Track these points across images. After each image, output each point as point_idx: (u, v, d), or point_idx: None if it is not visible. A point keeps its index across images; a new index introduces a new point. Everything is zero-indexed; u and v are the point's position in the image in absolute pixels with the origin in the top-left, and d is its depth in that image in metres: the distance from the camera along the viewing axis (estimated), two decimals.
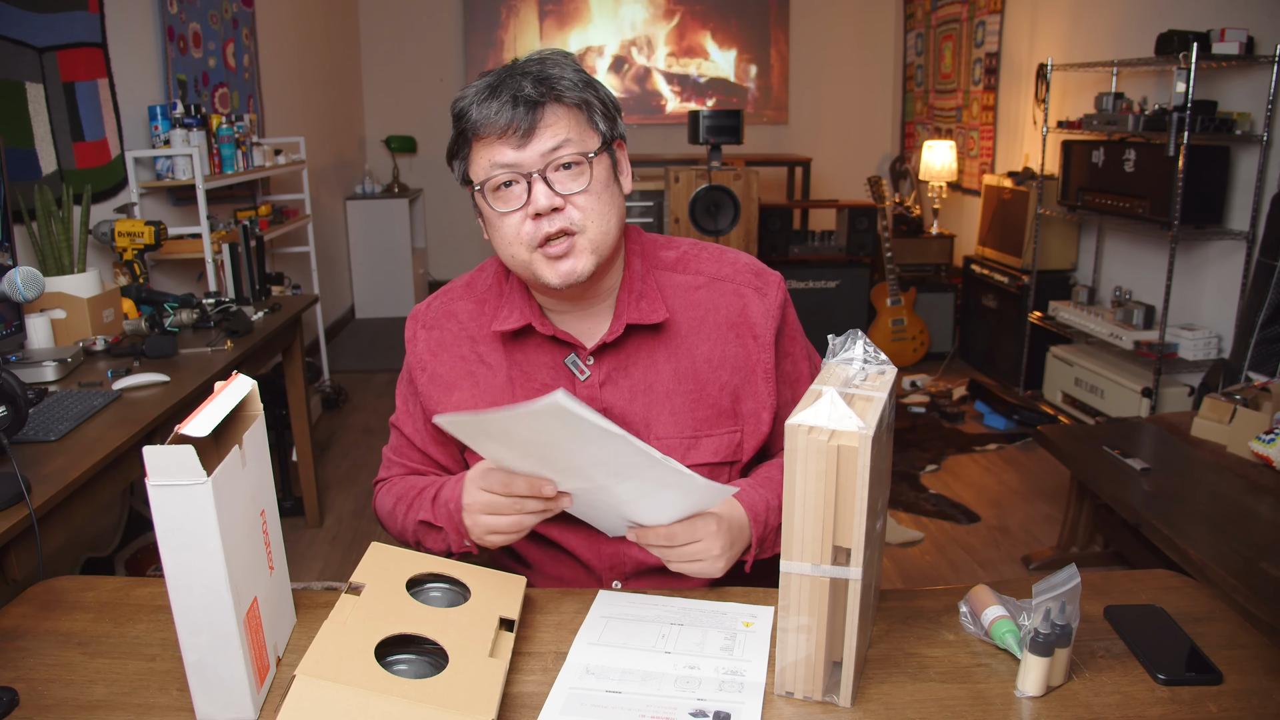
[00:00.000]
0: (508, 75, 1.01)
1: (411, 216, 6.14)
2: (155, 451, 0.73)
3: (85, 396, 1.78)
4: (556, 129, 1.00)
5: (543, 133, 0.99)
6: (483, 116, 0.99)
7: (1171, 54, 3.11)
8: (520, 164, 0.99)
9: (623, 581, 1.15)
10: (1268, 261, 2.88)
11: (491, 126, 0.99)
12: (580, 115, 1.02)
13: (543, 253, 1.01)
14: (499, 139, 0.99)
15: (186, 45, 3.51)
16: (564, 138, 1.00)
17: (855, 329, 0.93)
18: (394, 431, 1.24)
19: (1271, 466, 2.25)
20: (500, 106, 0.98)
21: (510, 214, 1.01)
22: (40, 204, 2.24)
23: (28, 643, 0.94)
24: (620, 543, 1.13)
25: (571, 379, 1.11)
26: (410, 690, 0.74)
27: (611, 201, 1.04)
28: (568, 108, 1.01)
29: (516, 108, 0.98)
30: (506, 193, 1.01)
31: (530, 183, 1.00)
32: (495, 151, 1.00)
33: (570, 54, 1.06)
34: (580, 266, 1.02)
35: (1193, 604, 0.99)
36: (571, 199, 1.01)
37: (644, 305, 1.10)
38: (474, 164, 1.03)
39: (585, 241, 1.02)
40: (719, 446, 1.13)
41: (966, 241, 5.08)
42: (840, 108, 6.61)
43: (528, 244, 1.01)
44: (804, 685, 0.83)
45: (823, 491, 0.77)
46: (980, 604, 0.93)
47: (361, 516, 3.16)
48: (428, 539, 1.10)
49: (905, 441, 3.75)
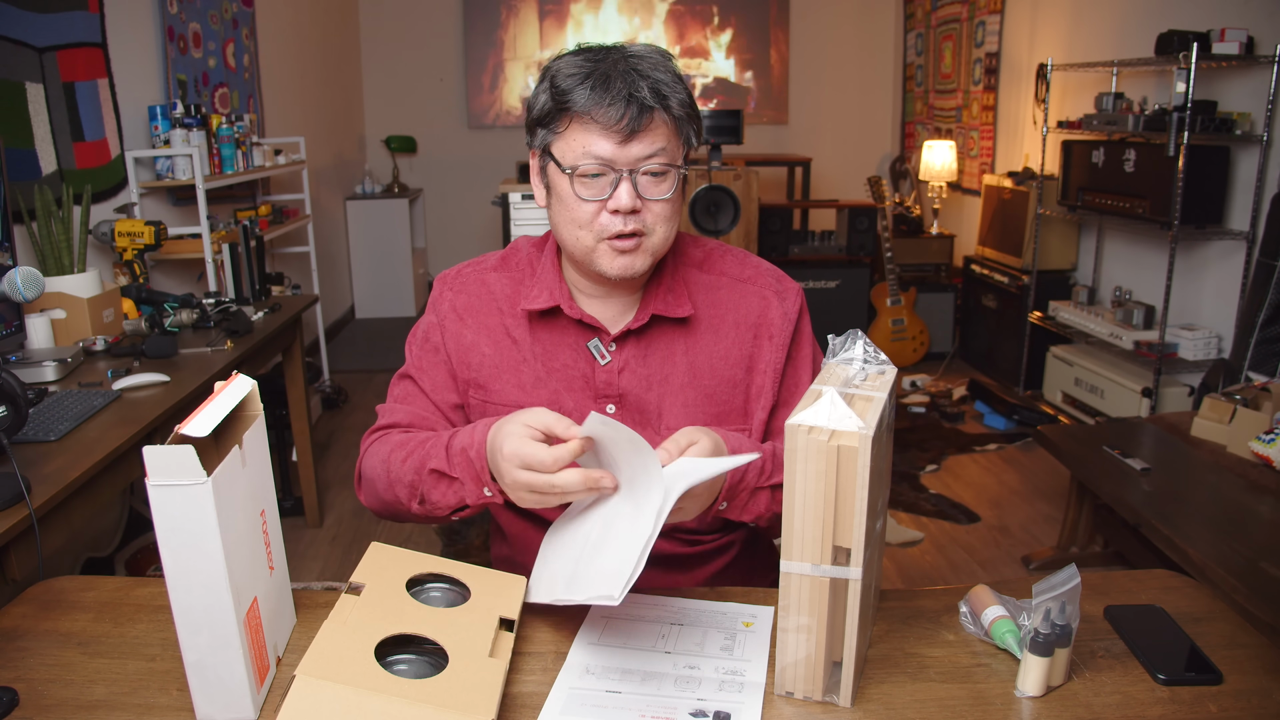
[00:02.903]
0: (618, 66, 1.02)
1: (411, 216, 6.14)
2: (155, 451, 0.73)
3: (85, 396, 1.78)
4: (655, 137, 1.02)
5: (644, 138, 1.02)
6: (592, 102, 1.00)
7: (1171, 54, 3.11)
8: (615, 161, 1.02)
9: None
10: (1268, 261, 2.88)
11: (600, 115, 1.00)
12: (678, 128, 1.05)
13: (610, 245, 1.05)
14: (603, 130, 1.01)
15: (186, 45, 3.51)
16: (661, 146, 1.03)
17: (855, 329, 0.93)
18: (404, 383, 1.21)
19: (1271, 466, 2.25)
20: (614, 99, 0.99)
21: (590, 202, 1.04)
22: (40, 204, 2.24)
23: (28, 643, 0.94)
24: None
25: (592, 362, 1.13)
26: (410, 690, 0.74)
27: (678, 210, 1.08)
28: (671, 118, 1.04)
29: (630, 106, 1.00)
30: (593, 182, 1.03)
31: (619, 180, 1.02)
32: (594, 140, 1.01)
33: (672, 56, 1.08)
34: (638, 265, 1.07)
35: (1193, 604, 0.99)
36: (650, 204, 1.05)
37: (671, 299, 1.13)
38: (565, 142, 1.04)
39: (649, 244, 1.06)
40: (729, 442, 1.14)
41: (966, 241, 5.08)
42: (840, 108, 6.61)
43: (597, 233, 1.05)
44: (804, 685, 0.83)
45: (823, 491, 0.77)
46: (980, 604, 0.93)
47: (361, 516, 3.16)
48: (435, 491, 1.05)
49: (905, 441, 3.75)
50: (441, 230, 6.67)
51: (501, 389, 1.15)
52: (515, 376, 1.15)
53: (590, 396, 1.14)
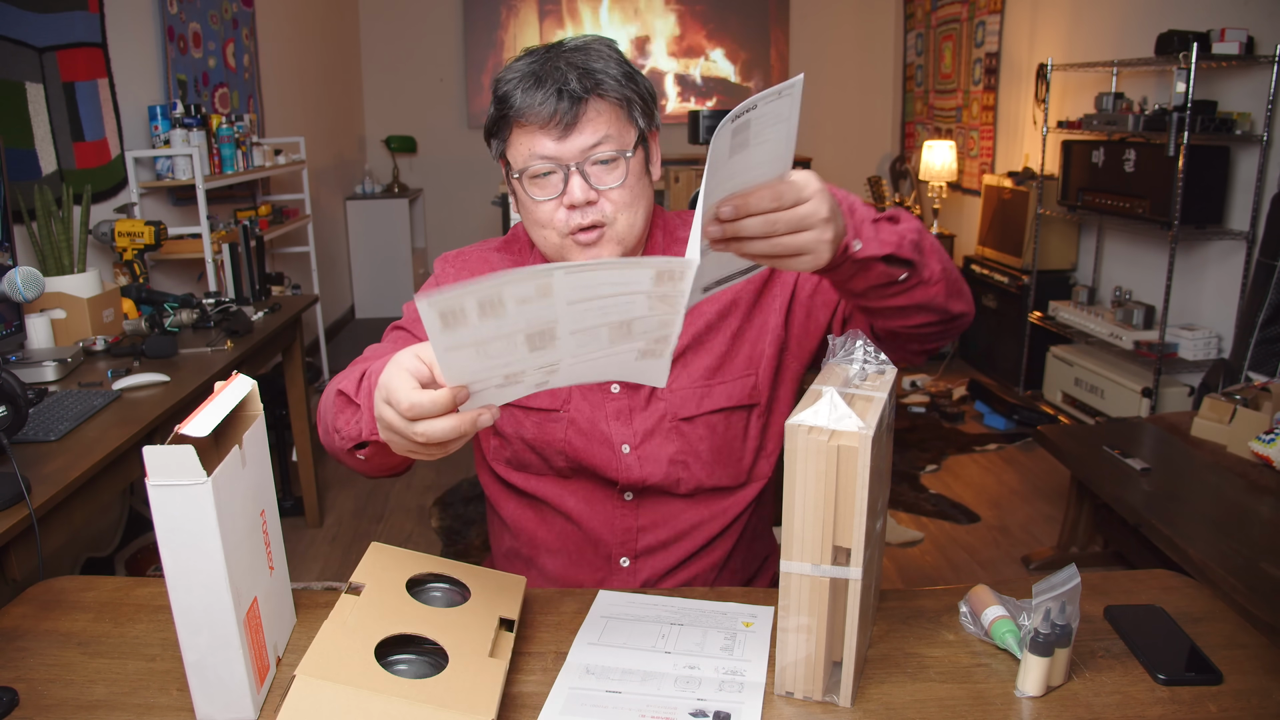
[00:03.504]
0: (552, 62, 1.01)
1: (411, 216, 6.14)
2: (155, 451, 0.73)
3: (85, 396, 1.78)
4: (597, 125, 1.01)
5: (584, 128, 1.00)
6: (525, 104, 0.99)
7: (1171, 54, 3.11)
8: (559, 156, 1.01)
9: (631, 559, 1.15)
10: (1268, 261, 2.88)
11: (534, 116, 0.99)
12: (621, 111, 1.03)
13: (573, 240, 1.04)
14: (540, 129, 1.00)
15: (186, 45, 3.51)
16: (604, 134, 1.01)
17: (855, 329, 0.93)
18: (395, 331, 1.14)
19: (1271, 466, 2.25)
20: (544, 97, 0.98)
21: (547, 201, 1.03)
22: (40, 204, 2.24)
23: (28, 643, 0.94)
24: (636, 518, 1.14)
25: None
26: (410, 690, 0.74)
27: (642, 194, 1.06)
28: (610, 103, 1.02)
29: (560, 100, 0.98)
30: (544, 181, 1.03)
31: (568, 175, 1.01)
32: (535, 141, 1.01)
33: (613, 42, 1.06)
34: (606, 255, 1.05)
35: (1193, 604, 0.99)
36: (605, 193, 1.02)
37: None
38: (513, 148, 1.04)
39: (613, 233, 1.04)
40: (733, 391, 1.14)
41: (966, 241, 5.08)
42: (840, 108, 6.61)
43: (560, 231, 1.04)
44: (804, 685, 0.83)
45: (823, 491, 0.77)
46: (980, 604, 0.93)
47: (361, 516, 3.16)
48: (340, 418, 0.96)
49: (905, 441, 3.75)
50: (441, 230, 6.67)
51: None
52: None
53: None
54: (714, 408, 1.13)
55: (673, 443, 1.13)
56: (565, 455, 1.13)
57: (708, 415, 1.13)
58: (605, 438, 1.13)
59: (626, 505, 1.15)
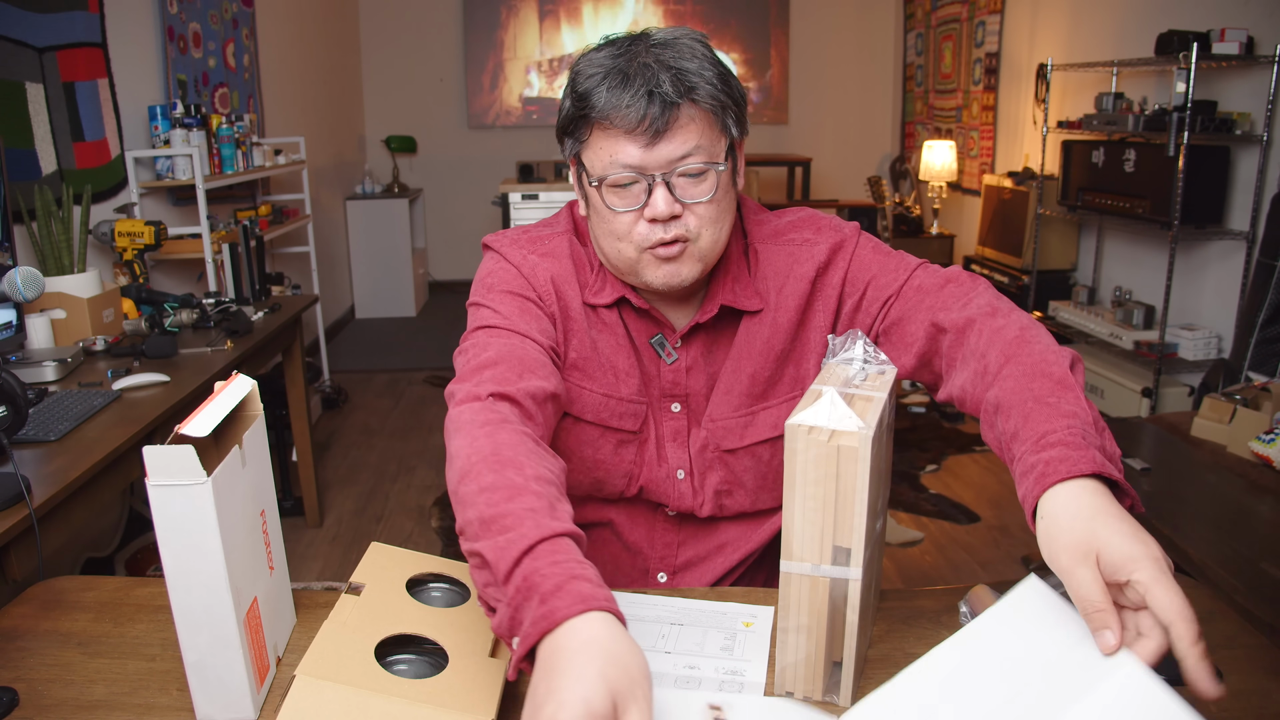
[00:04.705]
0: (640, 58, 0.93)
1: (411, 216, 6.14)
2: (155, 451, 0.73)
3: (85, 396, 1.78)
4: (688, 134, 0.93)
5: (674, 136, 0.92)
6: (611, 106, 0.91)
7: (1171, 54, 3.11)
8: (645, 166, 0.93)
9: (670, 575, 1.14)
10: (1268, 261, 2.88)
11: (621, 119, 0.91)
12: (713, 119, 0.95)
13: (652, 254, 0.96)
14: (626, 134, 0.92)
15: (186, 45, 3.51)
16: (695, 144, 0.93)
17: (855, 329, 0.93)
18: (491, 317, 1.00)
19: (1271, 466, 2.25)
20: (632, 99, 0.90)
21: (625, 213, 0.96)
22: (40, 204, 2.24)
23: (28, 643, 0.94)
24: (677, 534, 1.12)
25: (656, 360, 1.06)
26: (410, 690, 0.74)
27: (729, 208, 0.99)
28: (703, 110, 0.93)
29: (651, 105, 0.90)
30: (625, 191, 0.95)
31: (652, 186, 0.93)
32: (619, 147, 0.93)
33: (704, 37, 0.98)
34: (685, 272, 0.98)
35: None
36: (692, 207, 0.95)
37: (738, 289, 1.04)
38: (592, 151, 0.95)
39: (696, 249, 0.97)
40: (779, 417, 1.06)
41: (966, 241, 5.08)
42: (840, 108, 6.61)
43: (638, 244, 0.96)
44: (804, 685, 0.83)
45: (823, 491, 0.77)
46: (980, 604, 0.93)
47: (361, 516, 3.16)
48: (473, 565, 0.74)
49: (905, 441, 3.75)
50: (441, 230, 6.68)
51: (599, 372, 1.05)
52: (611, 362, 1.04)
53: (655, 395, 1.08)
54: (758, 439, 1.07)
55: (717, 472, 1.09)
56: (631, 478, 1.08)
57: (752, 446, 1.08)
58: (665, 459, 1.09)
59: (670, 521, 1.13)
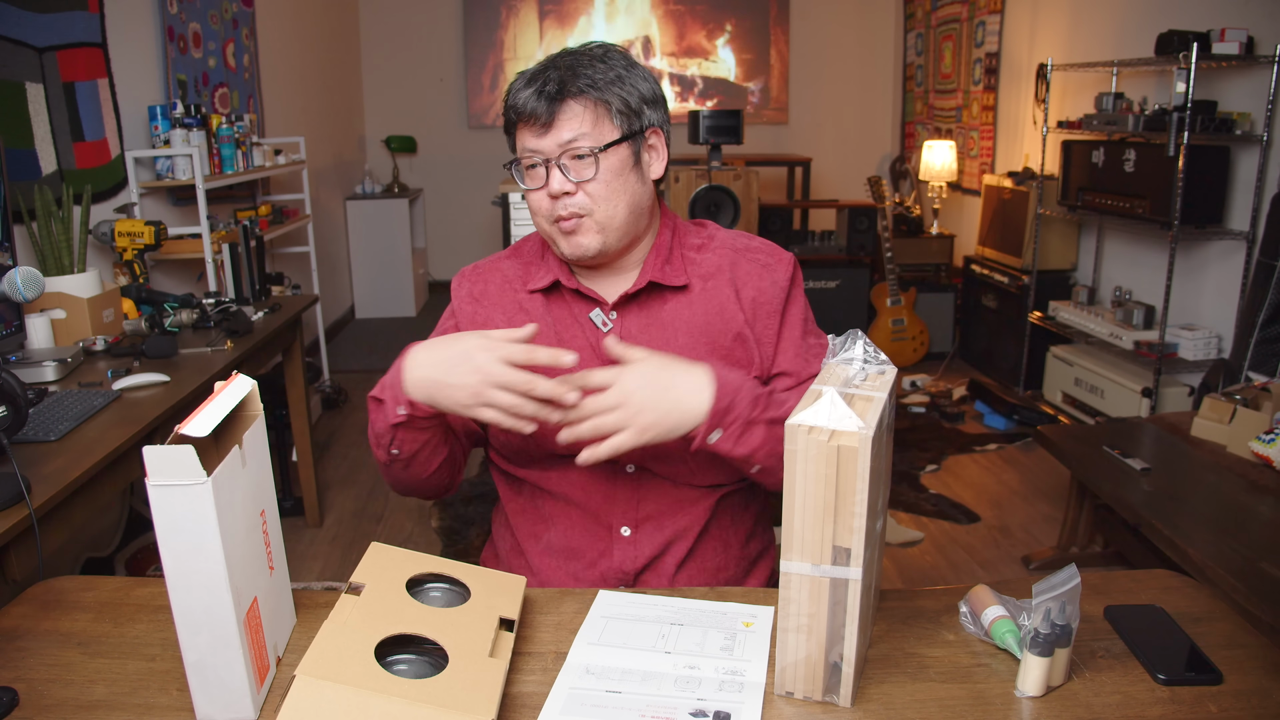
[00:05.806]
0: (547, 66, 1.12)
1: (411, 216, 6.14)
2: (155, 451, 0.73)
3: (85, 396, 1.78)
4: (572, 124, 1.10)
5: (560, 126, 1.10)
6: (517, 103, 1.12)
7: (1171, 54, 3.11)
8: (541, 150, 1.11)
9: (633, 528, 1.19)
10: (1268, 261, 2.88)
11: (521, 113, 1.11)
12: (599, 110, 1.11)
13: (558, 227, 1.14)
14: (526, 125, 1.12)
15: (186, 45, 3.51)
16: (578, 132, 1.10)
17: (855, 329, 0.93)
18: None
19: (1271, 466, 2.25)
20: (528, 97, 1.10)
21: (535, 191, 1.14)
22: (40, 204, 2.24)
23: (28, 643, 0.94)
24: (633, 489, 1.19)
25: (598, 333, 1.20)
26: (410, 690, 0.74)
27: (622, 188, 1.14)
28: (587, 104, 1.11)
29: (540, 100, 1.09)
30: (533, 172, 1.14)
31: (549, 168, 1.12)
32: (526, 136, 1.13)
33: (613, 47, 1.15)
34: (586, 243, 1.14)
35: (1193, 604, 0.99)
36: (582, 186, 1.12)
37: (668, 269, 1.20)
38: (517, 144, 1.16)
39: (592, 222, 1.13)
40: None
41: (966, 241, 5.08)
42: (840, 108, 6.61)
43: (546, 217, 1.15)
44: (804, 685, 0.83)
45: (823, 491, 0.77)
46: (980, 604, 0.93)
47: (362, 516, 3.16)
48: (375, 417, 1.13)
49: (905, 441, 3.75)
50: (441, 230, 6.68)
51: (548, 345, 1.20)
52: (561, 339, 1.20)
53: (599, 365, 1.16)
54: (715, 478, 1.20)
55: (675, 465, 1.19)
56: None
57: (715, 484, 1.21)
58: None
59: (629, 477, 1.19)
